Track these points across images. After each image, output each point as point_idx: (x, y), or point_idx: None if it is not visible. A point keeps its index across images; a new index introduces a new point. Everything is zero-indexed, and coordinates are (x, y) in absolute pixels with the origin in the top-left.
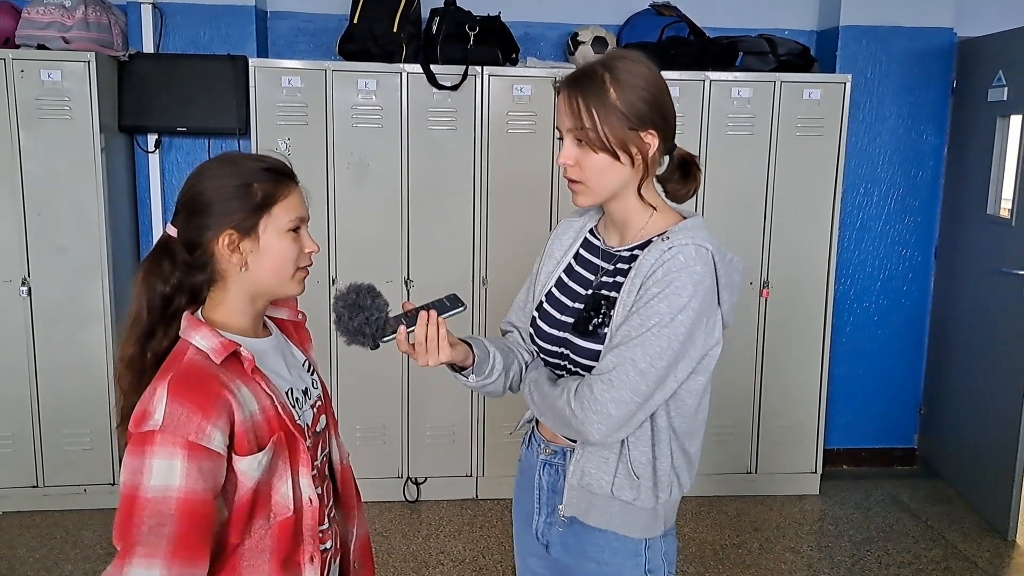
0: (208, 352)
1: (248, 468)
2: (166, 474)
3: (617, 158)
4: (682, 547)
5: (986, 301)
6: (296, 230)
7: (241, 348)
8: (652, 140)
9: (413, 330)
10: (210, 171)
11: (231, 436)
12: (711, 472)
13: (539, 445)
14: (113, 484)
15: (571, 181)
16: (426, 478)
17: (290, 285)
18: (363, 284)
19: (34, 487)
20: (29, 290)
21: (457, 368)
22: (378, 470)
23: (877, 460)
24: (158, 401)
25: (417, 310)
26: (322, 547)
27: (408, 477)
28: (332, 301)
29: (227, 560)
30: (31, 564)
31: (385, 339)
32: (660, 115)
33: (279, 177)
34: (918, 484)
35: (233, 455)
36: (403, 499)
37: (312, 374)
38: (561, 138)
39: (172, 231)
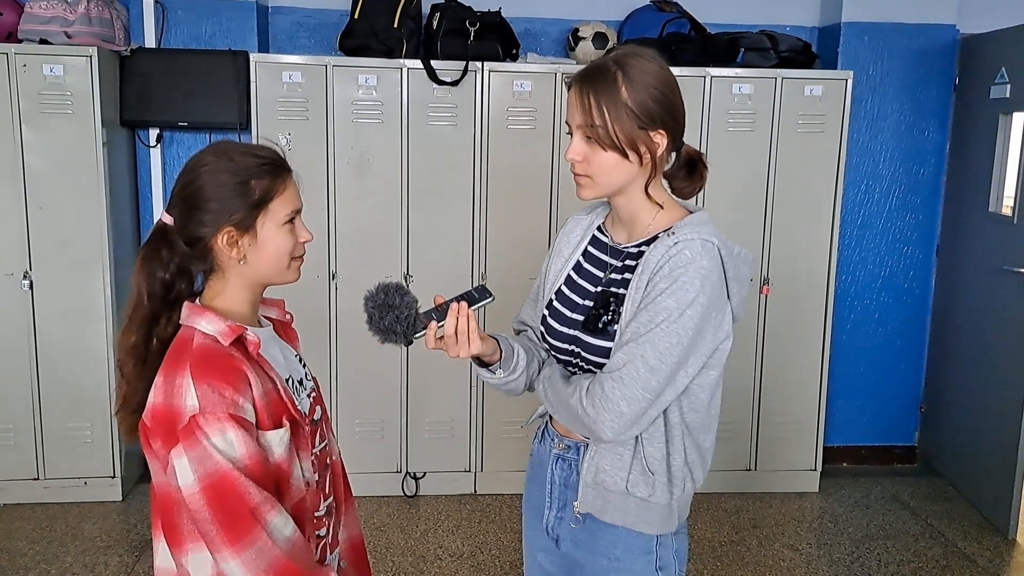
0: (216, 336)
1: (272, 442)
2: (227, 448)
3: (626, 156)
4: None
5: (987, 299)
6: (291, 220)
7: (247, 332)
8: (661, 139)
9: (443, 325)
10: (207, 166)
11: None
12: (711, 468)
13: (552, 440)
14: (113, 477)
15: (577, 175)
16: (425, 473)
17: (287, 274)
18: (391, 283)
19: (35, 479)
20: (31, 283)
21: (483, 364)
22: (377, 465)
23: (877, 458)
24: (186, 390)
25: (447, 303)
26: (317, 533)
27: (407, 472)
28: (362, 302)
29: None
30: (31, 556)
31: (417, 335)
32: (670, 114)
33: (276, 171)
34: (918, 482)
35: (260, 431)
36: (402, 494)
37: (304, 367)
38: (570, 133)
39: (168, 219)
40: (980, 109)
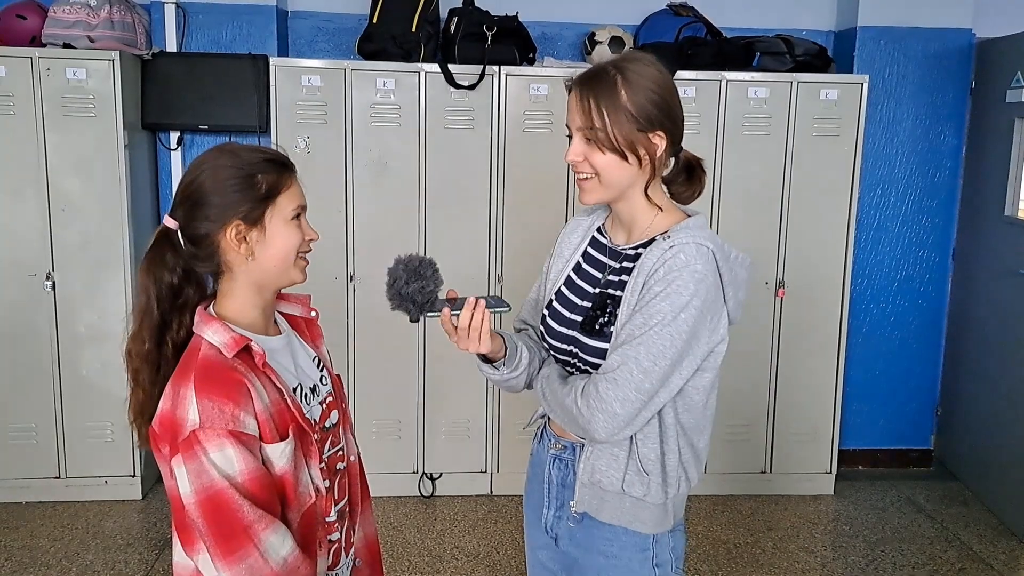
0: (220, 347)
1: (273, 455)
2: (224, 464)
3: (625, 158)
4: (696, 545)
5: (1003, 303)
6: (297, 218)
7: (252, 343)
8: (660, 142)
9: (457, 313)
10: (210, 164)
11: (257, 423)
12: (725, 471)
13: (550, 440)
14: (133, 476)
15: (579, 179)
16: (441, 473)
17: (292, 272)
18: (425, 256)
19: (56, 478)
20: (53, 284)
21: (486, 359)
22: (393, 465)
23: (893, 461)
24: (189, 403)
25: (463, 299)
26: (329, 538)
27: (423, 472)
28: (392, 264)
29: None
30: (53, 554)
31: (430, 314)
32: (668, 117)
33: (281, 167)
34: (934, 485)
35: (261, 444)
36: (418, 494)
37: (322, 370)
38: (570, 136)
39: (171, 223)
40: (996, 113)
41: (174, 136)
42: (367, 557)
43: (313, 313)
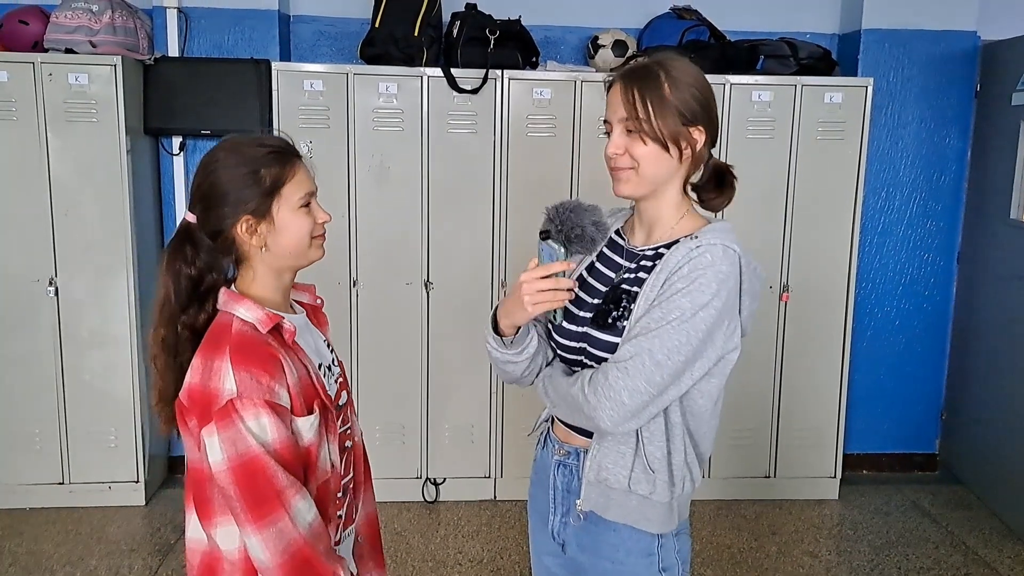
0: (255, 323)
1: (303, 428)
2: (260, 432)
3: (667, 149)
4: (700, 550)
5: (1009, 306)
6: (307, 204)
7: (284, 320)
8: (700, 136)
9: (563, 275)
10: (218, 162)
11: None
12: (730, 475)
13: (554, 446)
14: (137, 481)
15: (617, 169)
16: (445, 479)
17: (310, 253)
18: (602, 239)
19: (60, 484)
20: (56, 289)
21: (497, 332)
22: (397, 470)
23: (898, 465)
24: (224, 375)
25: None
26: (338, 513)
27: (427, 478)
28: (598, 206)
29: None
30: (56, 559)
31: (555, 244)
32: (707, 115)
33: (284, 157)
34: (939, 489)
35: (292, 416)
36: (422, 499)
37: (332, 353)
38: (607, 133)
39: (191, 218)
40: (1001, 116)
41: (176, 141)
42: (368, 533)
43: (319, 300)
